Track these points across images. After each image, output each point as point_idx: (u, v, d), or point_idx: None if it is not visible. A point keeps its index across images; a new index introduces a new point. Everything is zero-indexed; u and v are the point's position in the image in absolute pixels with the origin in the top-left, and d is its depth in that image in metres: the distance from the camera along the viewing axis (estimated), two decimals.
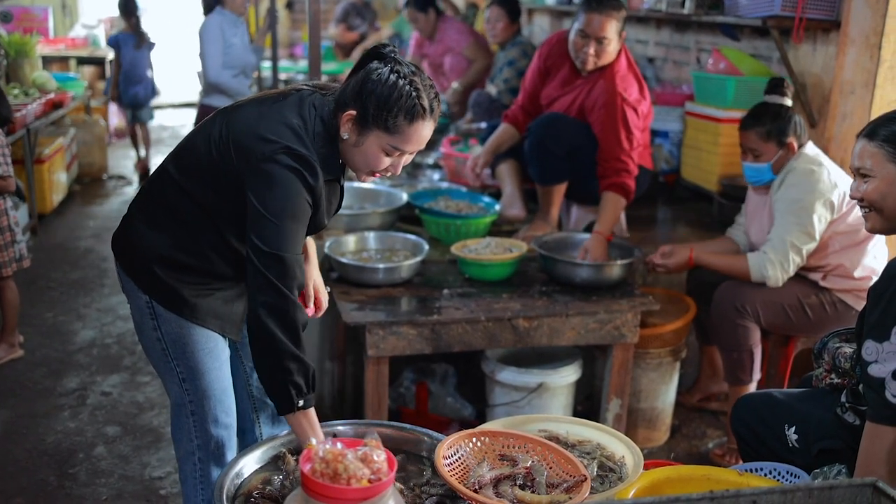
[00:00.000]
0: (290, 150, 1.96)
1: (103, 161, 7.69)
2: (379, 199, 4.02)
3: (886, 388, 1.89)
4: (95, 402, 3.74)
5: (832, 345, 2.35)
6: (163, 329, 2.18)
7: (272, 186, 1.95)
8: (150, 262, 2.14)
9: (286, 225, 1.96)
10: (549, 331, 3.13)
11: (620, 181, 3.54)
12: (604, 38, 3.57)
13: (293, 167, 1.95)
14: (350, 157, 2.07)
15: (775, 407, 2.38)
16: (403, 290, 3.23)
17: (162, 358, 2.22)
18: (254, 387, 2.44)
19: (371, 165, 2.05)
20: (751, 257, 3.21)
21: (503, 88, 5.25)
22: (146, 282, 2.16)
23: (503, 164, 4.12)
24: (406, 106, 1.96)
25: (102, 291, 5.02)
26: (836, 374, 2.33)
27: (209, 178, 2.07)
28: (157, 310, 2.16)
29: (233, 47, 5.58)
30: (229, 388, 2.29)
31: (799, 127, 3.20)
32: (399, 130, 1.98)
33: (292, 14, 11.36)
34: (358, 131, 2.01)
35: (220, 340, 2.24)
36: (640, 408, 3.51)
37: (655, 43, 5.77)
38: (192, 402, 2.24)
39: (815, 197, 3.08)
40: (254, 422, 2.48)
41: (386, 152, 2.02)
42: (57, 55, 8.11)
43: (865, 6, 3.58)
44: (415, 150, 2.06)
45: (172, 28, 13.53)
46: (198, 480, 2.30)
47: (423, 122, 2.00)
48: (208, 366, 2.21)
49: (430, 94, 2.00)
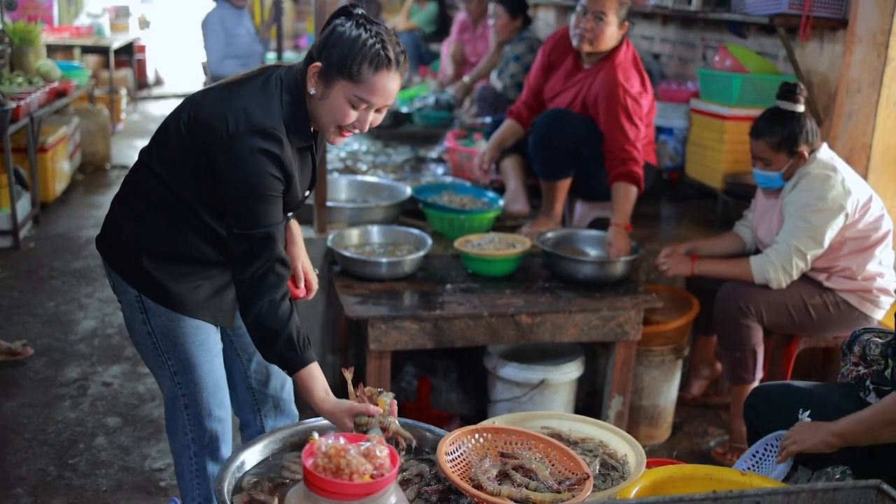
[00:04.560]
0: (255, 128, 1.97)
1: (106, 150, 7.67)
2: (382, 193, 4.02)
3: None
4: (96, 393, 3.73)
5: (864, 337, 2.41)
6: (152, 323, 2.18)
7: (240, 167, 1.97)
8: (136, 256, 2.14)
9: (257, 204, 1.99)
10: (552, 327, 3.12)
11: (628, 170, 3.54)
12: (602, 13, 3.57)
13: (259, 147, 1.96)
14: (318, 113, 2.07)
15: (792, 394, 2.39)
16: (406, 285, 3.22)
17: (153, 352, 2.21)
18: (252, 378, 2.43)
19: (337, 118, 2.03)
20: (753, 260, 3.20)
21: (509, 83, 5.23)
22: (133, 276, 2.16)
23: (507, 160, 4.11)
24: (370, 54, 1.96)
25: (104, 281, 5.01)
26: (863, 364, 2.37)
27: (183, 163, 2.07)
28: (147, 303, 2.16)
29: (237, 37, 5.58)
30: (222, 381, 2.29)
31: (811, 134, 3.15)
32: (363, 79, 1.97)
33: (297, 5, 11.35)
34: (324, 83, 2.01)
35: (211, 332, 2.24)
36: (642, 405, 3.51)
37: (661, 39, 5.75)
38: (185, 396, 2.24)
39: (828, 204, 3.05)
40: (255, 414, 2.47)
41: (351, 103, 2.01)
42: (61, 44, 8.09)
43: (873, 5, 3.56)
44: (380, 102, 2.03)
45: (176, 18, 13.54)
46: (194, 474, 2.30)
47: (387, 73, 1.99)
48: (200, 358, 2.21)
49: (395, 48, 2.00)
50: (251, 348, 2.37)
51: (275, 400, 2.46)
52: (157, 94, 11.72)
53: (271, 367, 2.42)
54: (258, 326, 2.03)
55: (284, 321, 2.01)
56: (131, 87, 10.44)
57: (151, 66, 11.99)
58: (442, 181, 4.37)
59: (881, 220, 3.15)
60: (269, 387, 2.45)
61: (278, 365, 2.05)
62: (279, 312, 2.01)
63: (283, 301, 2.03)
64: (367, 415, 1.95)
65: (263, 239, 2.00)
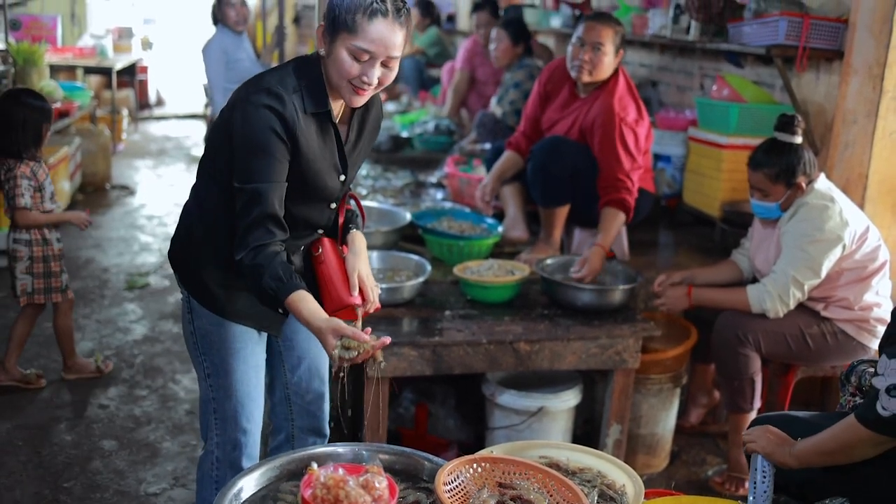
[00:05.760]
0: (261, 87, 2.06)
1: (107, 170, 7.71)
2: (382, 218, 4.03)
3: (879, 400, 2.03)
4: (92, 415, 3.73)
5: (860, 367, 2.44)
6: (195, 323, 2.28)
7: (244, 120, 2.05)
8: (187, 256, 2.27)
9: (253, 157, 2.05)
10: (551, 354, 3.13)
11: (619, 197, 3.57)
12: (600, 44, 3.62)
13: (263, 103, 2.04)
14: (329, 74, 2.12)
15: (792, 424, 2.40)
16: (405, 311, 3.23)
17: (194, 351, 2.32)
18: (291, 390, 2.50)
19: (343, 73, 2.07)
20: (750, 290, 3.21)
21: (508, 110, 5.27)
22: (184, 276, 2.29)
23: (506, 187, 4.13)
24: (365, 4, 2.02)
25: (102, 303, 5.02)
26: (860, 394, 2.41)
27: (224, 152, 2.13)
28: (193, 304, 2.27)
29: (238, 62, 5.61)
30: (254, 393, 2.33)
31: (809, 165, 3.16)
32: (359, 28, 2.02)
33: (299, 29, 11.44)
34: (329, 42, 2.08)
35: (251, 342, 2.29)
36: (640, 434, 3.50)
37: (659, 67, 5.80)
38: (215, 400, 2.31)
39: (825, 235, 3.07)
40: (289, 422, 2.54)
41: (353, 55, 2.05)
42: (64, 64, 8.14)
43: (869, 37, 3.60)
44: (381, 52, 2.05)
45: (178, 39, 13.63)
46: (213, 480, 2.36)
47: (383, 20, 2.03)
48: (234, 366, 2.28)
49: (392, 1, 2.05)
50: (296, 360, 2.47)
51: (309, 415, 2.54)
52: (158, 115, 11.79)
53: (311, 383, 2.50)
54: (246, 265, 2.06)
55: (270, 258, 2.05)
56: (133, 107, 10.50)
57: (153, 87, 12.06)
58: (441, 207, 4.39)
59: (878, 250, 3.16)
60: (305, 400, 2.52)
61: (270, 302, 2.08)
62: (267, 251, 2.06)
63: (272, 246, 2.07)
64: (355, 339, 1.96)
65: (253, 193, 2.05)
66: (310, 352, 2.49)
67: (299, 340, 2.46)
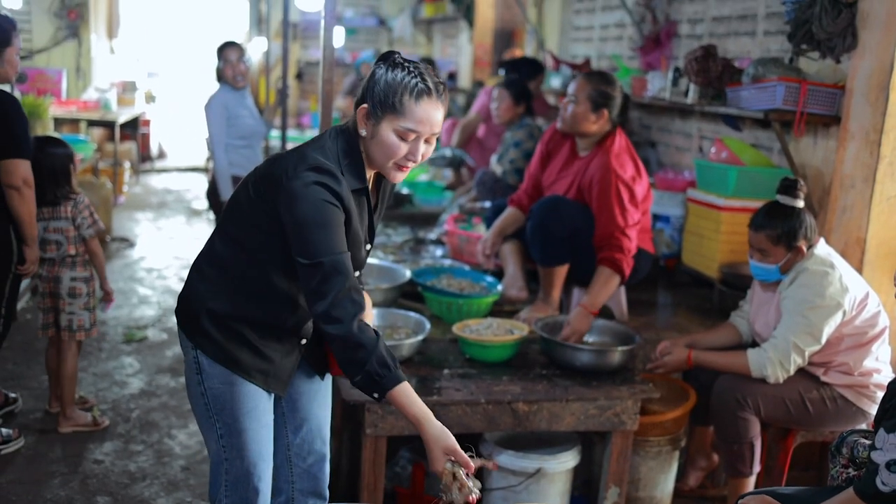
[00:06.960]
0: (310, 166, 2.07)
1: (108, 223, 7.72)
2: (382, 276, 4.04)
3: (878, 475, 2.05)
4: (87, 470, 3.69)
5: (851, 438, 2.42)
6: (206, 384, 2.25)
7: (299, 201, 2.05)
8: (198, 313, 2.23)
9: (319, 232, 2.05)
10: (549, 415, 3.11)
11: (612, 256, 3.59)
12: (574, 96, 3.79)
13: (314, 180, 2.05)
14: (372, 153, 2.16)
15: (780, 500, 2.37)
16: (404, 369, 3.19)
17: (204, 413, 2.28)
18: (294, 453, 2.48)
19: (390, 154, 2.12)
20: (751, 354, 3.21)
21: (508, 169, 5.31)
22: (192, 332, 2.25)
23: (506, 245, 4.16)
24: (410, 85, 2.08)
25: (100, 356, 5.00)
26: (853, 466, 2.39)
27: (253, 219, 2.17)
28: (202, 364, 2.24)
29: (240, 118, 5.67)
30: (265, 453, 2.32)
31: (810, 230, 3.19)
32: (406, 110, 2.08)
33: (301, 84, 11.59)
34: (372, 123, 2.12)
35: (262, 401, 2.28)
36: (639, 496, 3.47)
37: (658, 128, 5.88)
38: (227, 461, 2.27)
39: (826, 301, 3.08)
40: (290, 485, 2.51)
41: (400, 136, 2.10)
42: (69, 117, 8.22)
43: (866, 103, 3.66)
44: (426, 131, 2.12)
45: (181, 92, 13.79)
46: None
47: (429, 100, 2.10)
48: (246, 425, 2.25)
49: (433, 78, 2.12)
50: (299, 421, 2.46)
51: (310, 477, 2.51)
52: (160, 168, 11.87)
53: (313, 444, 2.49)
54: (346, 347, 2.07)
55: (374, 339, 2.08)
56: (135, 159, 10.58)
57: (156, 140, 12.16)
58: (441, 264, 4.40)
59: (878, 316, 3.17)
60: (307, 463, 2.50)
61: (367, 388, 2.10)
62: (368, 332, 2.08)
63: (368, 325, 2.09)
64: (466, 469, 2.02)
65: (332, 265, 2.05)
66: (312, 412, 2.48)
67: (303, 402, 2.46)
